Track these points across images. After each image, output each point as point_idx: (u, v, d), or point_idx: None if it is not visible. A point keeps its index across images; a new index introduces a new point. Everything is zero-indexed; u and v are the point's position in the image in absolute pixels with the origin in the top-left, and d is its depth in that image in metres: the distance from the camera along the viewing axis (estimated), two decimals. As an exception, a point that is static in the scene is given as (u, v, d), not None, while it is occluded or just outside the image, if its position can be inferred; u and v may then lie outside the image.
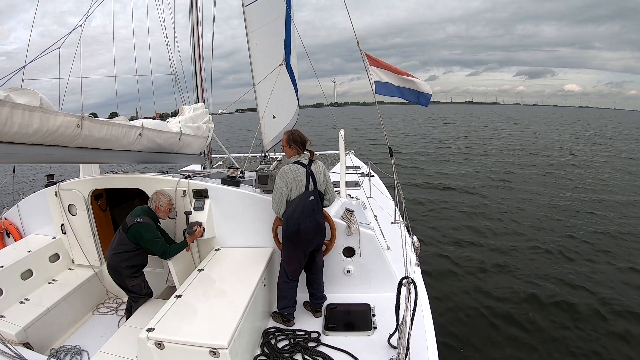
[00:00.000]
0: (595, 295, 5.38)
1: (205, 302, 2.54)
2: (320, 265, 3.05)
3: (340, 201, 3.62)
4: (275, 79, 5.21)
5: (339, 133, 4.09)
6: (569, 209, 9.72)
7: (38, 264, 3.48)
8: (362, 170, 7.30)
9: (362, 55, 3.99)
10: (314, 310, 3.01)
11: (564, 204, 10.25)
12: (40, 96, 2.27)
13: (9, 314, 2.97)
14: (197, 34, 4.97)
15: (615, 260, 6.53)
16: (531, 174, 14.71)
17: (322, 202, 2.93)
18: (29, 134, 2.25)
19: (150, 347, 2.12)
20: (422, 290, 3.00)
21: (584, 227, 8.25)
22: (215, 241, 3.37)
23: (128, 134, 3.15)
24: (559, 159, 18.61)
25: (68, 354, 2.84)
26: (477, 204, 10.27)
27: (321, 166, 2.95)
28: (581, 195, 11.20)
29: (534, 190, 11.87)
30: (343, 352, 2.47)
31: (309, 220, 2.77)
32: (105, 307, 3.64)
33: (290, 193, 2.78)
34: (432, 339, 2.48)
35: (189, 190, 3.31)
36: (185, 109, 4.55)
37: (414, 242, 3.88)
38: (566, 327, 4.67)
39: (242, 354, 2.26)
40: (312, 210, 2.80)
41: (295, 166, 2.82)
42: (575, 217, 9.01)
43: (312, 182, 2.83)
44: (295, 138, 2.89)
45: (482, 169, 15.68)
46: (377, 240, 3.20)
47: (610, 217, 8.98)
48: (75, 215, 3.64)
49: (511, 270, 6.23)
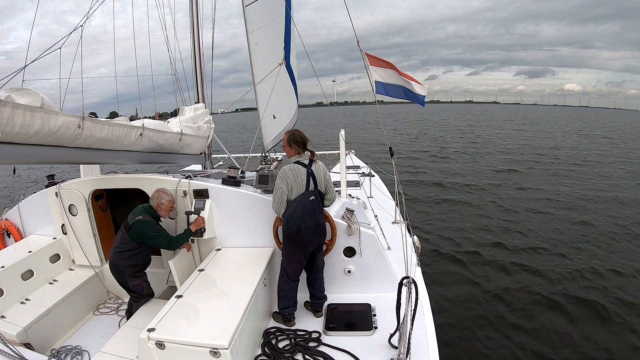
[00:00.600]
0: (598, 293, 5.38)
1: (205, 302, 2.54)
2: (320, 265, 3.05)
3: (340, 201, 3.62)
4: (275, 78, 5.21)
5: (339, 133, 4.09)
6: (571, 208, 9.72)
7: (39, 264, 3.48)
8: (362, 170, 7.30)
9: (363, 55, 3.99)
10: (314, 310, 3.01)
11: (565, 202, 10.26)
12: (41, 96, 2.27)
13: (10, 314, 2.97)
14: (197, 34, 4.97)
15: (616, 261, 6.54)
16: (534, 172, 14.74)
17: (322, 202, 2.93)
18: (30, 134, 2.25)
19: (151, 347, 2.12)
20: (423, 290, 3.00)
21: (585, 227, 8.26)
22: (216, 241, 3.37)
23: (129, 134, 3.15)
24: (560, 158, 18.62)
25: (69, 354, 2.84)
26: (478, 204, 10.27)
27: (322, 166, 2.95)
28: (585, 193, 11.22)
29: (536, 189, 11.87)
30: (344, 352, 2.47)
31: (309, 220, 2.78)
32: (106, 307, 3.64)
33: (290, 193, 2.78)
34: (433, 339, 2.48)
35: (190, 190, 3.31)
36: (186, 109, 4.55)
37: (414, 241, 3.89)
38: (567, 328, 4.67)
39: (242, 354, 2.26)
40: (312, 210, 2.80)
41: (296, 166, 2.82)
42: (576, 216, 9.00)
43: (313, 182, 2.83)
44: (296, 138, 2.89)
45: (482, 169, 15.69)
46: (377, 240, 3.20)
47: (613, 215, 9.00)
48: (75, 215, 3.64)
49: (512, 270, 6.23)
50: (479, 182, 12.95)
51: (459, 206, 10.09)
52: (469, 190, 11.85)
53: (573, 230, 8.04)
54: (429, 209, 9.85)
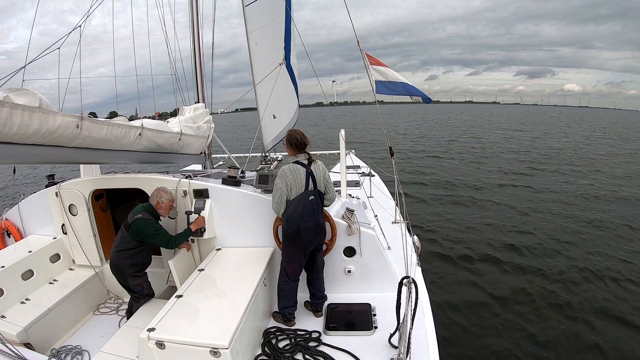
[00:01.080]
0: (600, 293, 5.37)
1: (206, 302, 2.54)
2: (320, 265, 3.05)
3: (340, 201, 3.62)
4: (276, 78, 5.21)
5: (339, 133, 4.08)
6: (573, 206, 9.72)
7: (39, 264, 3.49)
8: (362, 170, 7.30)
9: (362, 55, 3.99)
10: (314, 310, 3.01)
11: (567, 201, 10.26)
12: (39, 96, 2.27)
13: (10, 314, 2.97)
14: (197, 33, 4.96)
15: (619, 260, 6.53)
16: (535, 173, 14.71)
17: (322, 201, 2.93)
18: (29, 134, 2.25)
19: (151, 347, 2.12)
20: (423, 290, 3.00)
21: (587, 226, 8.25)
22: (216, 241, 3.37)
23: (128, 134, 3.15)
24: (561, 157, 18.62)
25: (69, 354, 2.84)
26: (478, 204, 10.26)
27: (321, 166, 2.95)
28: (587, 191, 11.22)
29: (536, 189, 11.86)
30: (344, 352, 2.47)
31: (309, 220, 2.77)
32: (106, 307, 3.64)
33: (290, 193, 2.78)
34: (433, 339, 2.48)
35: (190, 190, 3.31)
36: (186, 109, 4.55)
37: (414, 241, 3.89)
38: (567, 328, 4.66)
39: (242, 353, 2.26)
40: (312, 210, 2.79)
41: (295, 166, 2.81)
42: (578, 216, 9.00)
43: (312, 181, 2.83)
44: (291, 140, 2.88)
45: (483, 168, 15.67)
46: (377, 240, 3.20)
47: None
48: (75, 215, 3.64)
49: (513, 270, 6.22)
50: (480, 182, 12.94)
51: (460, 206, 10.08)
52: (471, 190, 11.84)
53: (578, 229, 8.04)
54: (430, 209, 9.84)
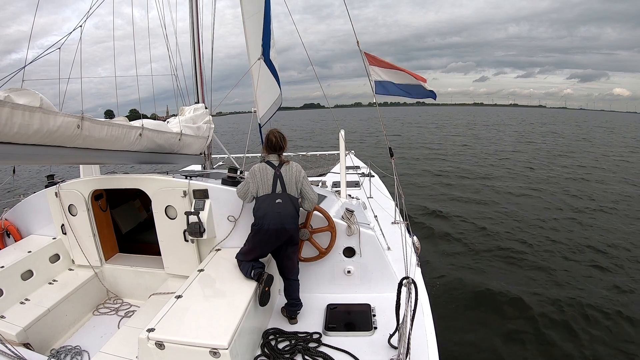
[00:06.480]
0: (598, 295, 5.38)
1: (205, 303, 2.54)
2: (291, 270, 2.91)
3: (340, 201, 3.62)
4: (258, 74, 5.13)
5: (339, 133, 4.09)
6: (574, 208, 9.72)
7: (38, 264, 3.48)
8: (362, 171, 7.30)
9: (362, 55, 3.98)
10: (288, 317, 2.90)
11: (568, 201, 10.26)
12: (40, 97, 2.27)
13: (9, 314, 2.96)
14: (197, 33, 4.96)
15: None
16: (536, 173, 14.73)
17: (297, 205, 2.81)
18: (29, 134, 2.25)
19: (150, 347, 2.12)
20: (423, 291, 2.99)
21: (588, 226, 8.26)
22: (216, 241, 3.37)
23: (128, 134, 3.15)
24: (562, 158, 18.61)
25: (68, 354, 2.83)
26: (478, 204, 10.27)
27: (294, 168, 2.81)
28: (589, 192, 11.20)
29: (537, 189, 11.87)
30: (343, 352, 2.47)
31: (272, 223, 2.67)
32: (106, 307, 3.63)
33: (257, 191, 2.77)
34: (433, 339, 2.47)
35: (189, 190, 3.30)
36: (185, 109, 4.55)
37: (414, 242, 3.89)
38: (568, 328, 4.67)
39: (242, 354, 2.26)
40: (277, 213, 2.68)
41: (264, 166, 2.77)
42: (580, 216, 9.00)
43: (281, 184, 2.75)
44: (266, 140, 2.86)
45: (483, 168, 15.69)
46: (377, 241, 3.20)
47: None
48: (75, 215, 3.64)
49: (513, 271, 6.23)
50: (481, 182, 12.96)
51: (460, 206, 10.09)
52: (471, 190, 11.85)
53: (580, 230, 8.04)
54: (430, 209, 9.84)
